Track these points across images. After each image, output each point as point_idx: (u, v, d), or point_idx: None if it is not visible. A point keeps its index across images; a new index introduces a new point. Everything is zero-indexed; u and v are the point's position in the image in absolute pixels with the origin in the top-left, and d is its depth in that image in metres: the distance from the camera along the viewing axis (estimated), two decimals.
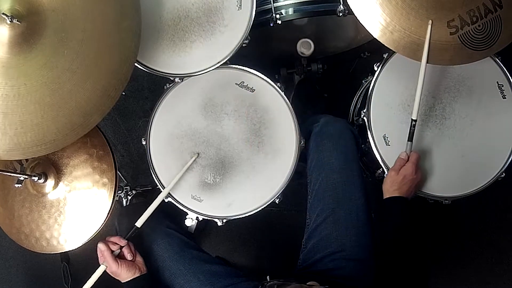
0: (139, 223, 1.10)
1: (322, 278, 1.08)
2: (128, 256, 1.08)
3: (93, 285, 1.05)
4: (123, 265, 1.06)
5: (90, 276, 1.06)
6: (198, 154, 1.22)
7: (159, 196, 1.13)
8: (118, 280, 1.08)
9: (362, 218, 1.16)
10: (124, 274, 1.06)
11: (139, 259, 1.10)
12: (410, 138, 1.13)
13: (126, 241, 1.09)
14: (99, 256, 1.08)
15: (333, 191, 1.18)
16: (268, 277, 1.14)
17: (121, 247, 1.08)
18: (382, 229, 1.10)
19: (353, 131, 1.27)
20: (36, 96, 0.94)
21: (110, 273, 1.07)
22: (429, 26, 1.05)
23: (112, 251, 1.07)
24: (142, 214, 1.12)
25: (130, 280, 1.07)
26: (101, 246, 1.07)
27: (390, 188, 1.11)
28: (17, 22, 0.91)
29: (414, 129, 1.12)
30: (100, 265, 1.07)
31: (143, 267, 1.10)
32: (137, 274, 1.07)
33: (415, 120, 1.11)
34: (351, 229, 1.15)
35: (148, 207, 1.13)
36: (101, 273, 1.06)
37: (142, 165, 1.85)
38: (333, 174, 1.20)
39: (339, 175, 1.19)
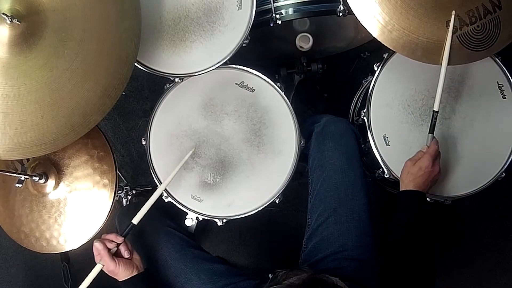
0: (135, 220, 1.07)
1: None
2: (125, 254, 1.05)
3: (90, 284, 1.02)
4: (121, 264, 1.02)
5: (87, 276, 1.02)
6: (195, 148, 1.21)
7: (155, 192, 1.10)
8: (115, 279, 1.05)
9: (364, 218, 1.16)
10: (122, 273, 1.03)
11: (136, 257, 1.07)
12: (431, 131, 1.11)
13: (123, 238, 1.05)
14: (95, 255, 1.04)
15: (335, 191, 1.18)
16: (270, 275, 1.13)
17: (117, 245, 1.05)
18: (394, 224, 1.07)
19: (355, 131, 1.27)
20: (36, 96, 0.94)
21: (107, 272, 1.04)
22: (453, 17, 1.04)
23: (109, 250, 1.03)
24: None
25: (128, 279, 1.04)
26: (97, 245, 1.03)
27: (406, 179, 1.08)
28: (17, 22, 0.92)
29: (435, 121, 1.09)
30: (96, 264, 1.03)
31: (141, 265, 1.07)
32: (134, 273, 1.04)
33: (437, 112, 1.09)
34: (353, 229, 1.14)
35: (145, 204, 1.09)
36: (98, 272, 1.03)
37: (142, 165, 1.84)
38: (335, 174, 1.19)
39: (341, 175, 1.19)
